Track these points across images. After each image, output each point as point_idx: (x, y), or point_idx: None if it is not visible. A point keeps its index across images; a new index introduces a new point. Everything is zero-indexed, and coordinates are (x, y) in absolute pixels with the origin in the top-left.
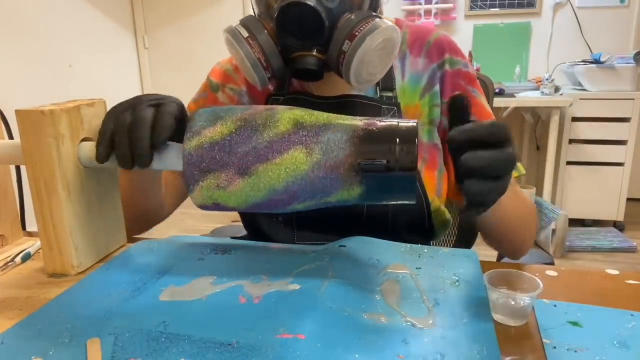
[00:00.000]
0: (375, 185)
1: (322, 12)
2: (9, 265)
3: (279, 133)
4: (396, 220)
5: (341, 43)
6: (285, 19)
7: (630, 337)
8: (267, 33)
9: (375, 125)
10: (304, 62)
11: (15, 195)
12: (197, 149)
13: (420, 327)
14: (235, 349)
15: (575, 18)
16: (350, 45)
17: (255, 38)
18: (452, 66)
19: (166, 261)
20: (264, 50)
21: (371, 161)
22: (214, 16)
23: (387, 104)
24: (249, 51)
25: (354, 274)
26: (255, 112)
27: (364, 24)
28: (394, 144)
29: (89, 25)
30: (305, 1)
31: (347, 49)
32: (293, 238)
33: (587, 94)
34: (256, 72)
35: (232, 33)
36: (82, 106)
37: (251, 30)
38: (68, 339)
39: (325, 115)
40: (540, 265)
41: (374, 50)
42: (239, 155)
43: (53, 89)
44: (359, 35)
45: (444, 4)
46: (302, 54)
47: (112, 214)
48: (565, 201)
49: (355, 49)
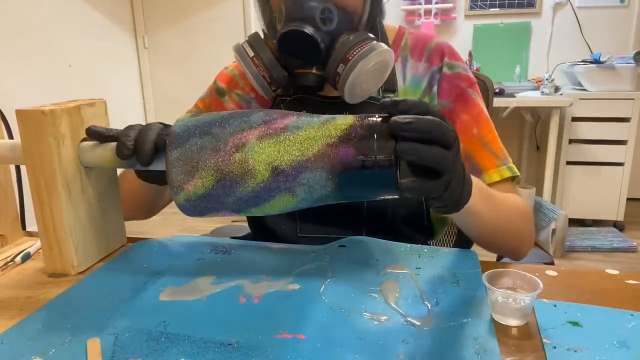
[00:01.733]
0: (353, 182)
1: (318, 38)
2: (9, 265)
3: (259, 182)
4: (395, 214)
5: (336, 66)
6: (285, 42)
7: (630, 337)
8: (270, 51)
9: (355, 127)
10: (304, 79)
11: (15, 195)
12: (187, 201)
13: (420, 327)
14: (235, 349)
15: (575, 18)
16: (344, 68)
17: (259, 57)
18: (451, 69)
19: (166, 261)
20: (268, 68)
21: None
22: (214, 16)
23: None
24: (254, 70)
25: (354, 274)
26: (226, 158)
27: (358, 48)
28: (372, 140)
29: (89, 26)
30: (303, 29)
31: (341, 72)
32: (296, 230)
33: (587, 94)
34: (261, 88)
35: (239, 52)
36: (83, 106)
37: (256, 50)
38: (68, 339)
39: (301, 136)
40: (540, 265)
41: (367, 72)
42: (229, 203)
43: (53, 89)
44: (352, 59)
45: (444, 4)
46: (303, 72)
47: (112, 214)
48: (565, 201)
49: (348, 73)
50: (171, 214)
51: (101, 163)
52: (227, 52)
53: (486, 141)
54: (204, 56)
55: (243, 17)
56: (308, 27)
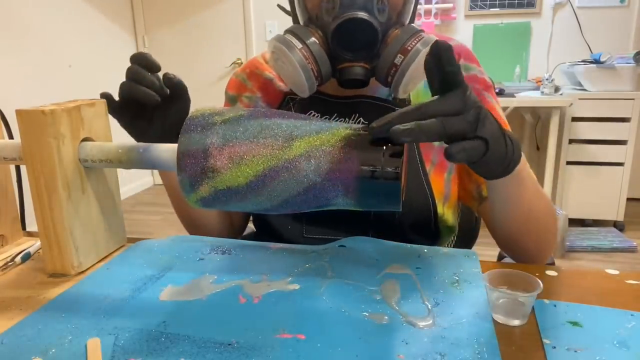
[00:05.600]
0: (363, 192)
1: (378, 27)
2: (9, 265)
3: None
4: (403, 219)
5: (393, 56)
6: (342, 32)
7: (630, 337)
8: (318, 44)
9: (364, 135)
10: (353, 72)
11: (15, 195)
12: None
13: (420, 327)
14: (235, 349)
15: (575, 18)
16: (403, 59)
17: (308, 49)
18: (466, 71)
19: (166, 261)
20: (317, 61)
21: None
22: (214, 16)
23: (400, 106)
24: (304, 63)
25: (354, 274)
26: None
27: (414, 40)
28: (380, 153)
29: (89, 26)
30: (363, 17)
31: (400, 62)
32: (302, 232)
33: (587, 94)
34: (308, 82)
35: (285, 42)
36: (83, 106)
37: (304, 41)
38: (68, 339)
39: None
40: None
41: None
42: None
43: (53, 89)
44: (412, 49)
45: (444, 4)
46: (351, 65)
47: (112, 214)
48: (565, 201)
49: (409, 63)
50: (171, 214)
51: (101, 163)
52: (227, 52)
53: None
54: (204, 56)
55: (243, 17)
56: (368, 15)
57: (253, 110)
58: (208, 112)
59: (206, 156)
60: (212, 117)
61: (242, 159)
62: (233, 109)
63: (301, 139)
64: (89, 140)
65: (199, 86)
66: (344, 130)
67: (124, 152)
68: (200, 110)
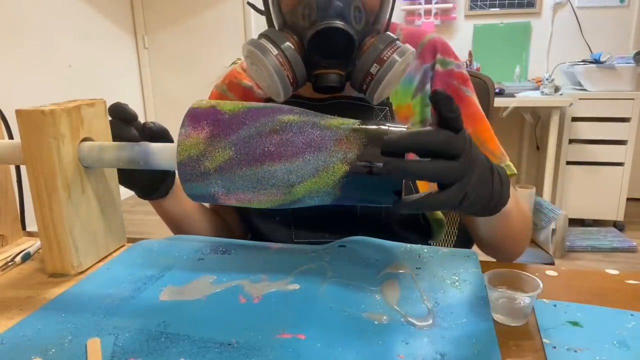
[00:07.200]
0: (356, 185)
1: (355, 35)
2: (9, 265)
3: None
4: (390, 217)
5: (369, 66)
6: (318, 40)
7: (630, 337)
8: (294, 49)
9: (366, 129)
10: (329, 79)
11: (15, 195)
12: None
13: (420, 327)
14: (235, 349)
15: (575, 18)
16: (379, 68)
17: (284, 54)
18: (443, 66)
19: (166, 261)
20: (292, 66)
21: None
22: (214, 17)
23: (379, 105)
24: (279, 69)
25: (354, 274)
26: None
27: (390, 49)
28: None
29: (89, 26)
30: (340, 26)
31: (376, 72)
32: (291, 237)
33: (587, 94)
34: (283, 87)
35: (260, 47)
36: (83, 106)
37: (279, 46)
38: (68, 339)
39: None
40: (540, 265)
41: (400, 73)
42: None
43: (53, 89)
44: (388, 60)
45: (444, 4)
46: (327, 72)
47: (112, 214)
48: (565, 201)
49: (385, 73)
50: None
51: (101, 163)
52: (227, 52)
53: (482, 140)
54: (203, 56)
55: (243, 17)
56: (344, 24)
57: (244, 131)
58: (195, 156)
59: (215, 200)
60: (202, 164)
61: (250, 202)
62: (227, 122)
63: (300, 185)
64: (88, 140)
65: (199, 86)
66: (341, 165)
67: (123, 152)
68: (193, 143)
